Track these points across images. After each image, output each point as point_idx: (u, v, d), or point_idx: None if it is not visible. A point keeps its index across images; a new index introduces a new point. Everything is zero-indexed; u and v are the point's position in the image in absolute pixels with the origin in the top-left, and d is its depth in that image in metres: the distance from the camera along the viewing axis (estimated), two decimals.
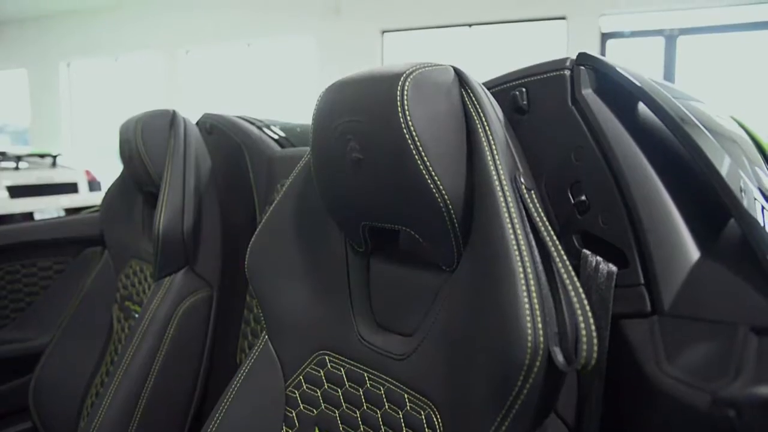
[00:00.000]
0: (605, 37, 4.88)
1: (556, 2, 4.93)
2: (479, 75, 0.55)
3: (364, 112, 0.52)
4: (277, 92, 6.32)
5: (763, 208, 0.50)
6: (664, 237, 0.47)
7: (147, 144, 1.12)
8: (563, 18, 4.95)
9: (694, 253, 0.47)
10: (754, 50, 4.50)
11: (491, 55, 5.33)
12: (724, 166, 0.48)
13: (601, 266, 0.50)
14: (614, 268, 0.49)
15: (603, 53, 4.84)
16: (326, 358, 0.65)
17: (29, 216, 3.61)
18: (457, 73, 0.54)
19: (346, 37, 5.74)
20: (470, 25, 5.34)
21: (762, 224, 0.47)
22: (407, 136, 0.49)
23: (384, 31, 5.67)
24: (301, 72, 6.15)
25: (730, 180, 0.46)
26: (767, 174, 0.62)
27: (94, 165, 4.22)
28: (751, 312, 0.41)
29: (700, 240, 0.47)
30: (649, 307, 0.47)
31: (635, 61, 4.73)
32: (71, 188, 3.92)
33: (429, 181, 0.50)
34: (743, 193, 0.47)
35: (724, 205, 0.46)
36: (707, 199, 0.49)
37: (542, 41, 5.14)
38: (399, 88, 0.49)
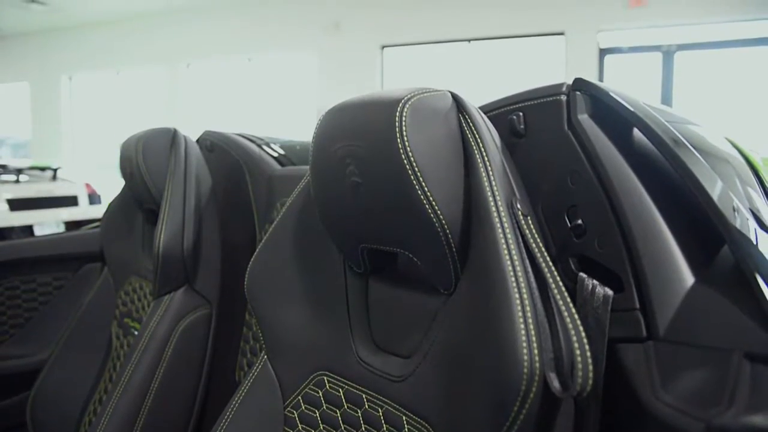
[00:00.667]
0: (603, 52, 4.93)
1: (554, 18, 4.98)
2: (478, 89, 0.56)
3: (363, 137, 0.53)
4: (278, 106, 6.35)
5: (755, 229, 0.51)
6: (658, 262, 0.48)
7: (148, 162, 1.13)
8: (562, 34, 4.99)
9: (688, 279, 0.47)
10: (749, 65, 4.54)
11: (490, 70, 5.36)
12: (716, 191, 0.48)
13: (597, 290, 0.51)
14: (610, 292, 0.50)
15: (601, 69, 4.89)
16: (325, 378, 0.65)
17: (29, 229, 3.61)
18: (455, 98, 0.55)
19: (346, 51, 5.78)
20: (469, 41, 5.39)
21: (755, 243, 0.48)
22: (405, 161, 0.49)
23: (384, 46, 5.71)
24: (302, 86, 6.19)
25: (722, 204, 0.47)
26: (759, 193, 0.63)
27: (94, 178, 4.22)
28: (745, 338, 0.42)
29: (694, 265, 0.48)
30: (644, 332, 0.47)
31: (633, 77, 4.77)
32: (71, 201, 3.92)
33: (427, 206, 0.50)
34: (736, 213, 0.48)
35: (718, 230, 0.47)
36: (702, 224, 0.49)
37: (541, 56, 5.18)
38: (397, 114, 0.50)
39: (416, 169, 0.49)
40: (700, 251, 0.49)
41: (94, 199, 4.07)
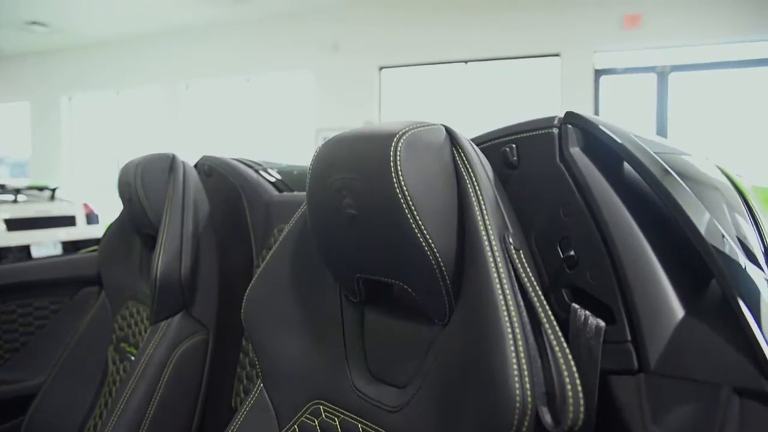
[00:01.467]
0: (598, 73, 4.98)
1: (550, 39, 5.04)
2: (475, 110, 0.57)
3: (358, 170, 0.54)
4: (277, 126, 6.39)
5: (743, 260, 0.52)
6: (649, 294, 0.48)
7: (146, 187, 1.14)
8: (557, 55, 5.05)
9: (678, 311, 0.48)
10: (743, 86, 4.60)
11: (487, 90, 5.41)
12: (703, 222, 0.49)
13: (589, 321, 0.51)
14: (602, 324, 0.50)
15: (597, 89, 4.94)
16: (321, 407, 0.65)
17: (26, 249, 3.60)
18: (449, 132, 0.56)
19: (344, 72, 5.83)
20: (466, 62, 5.44)
21: (741, 274, 0.48)
22: (400, 195, 0.50)
23: (382, 67, 5.77)
24: (300, 106, 6.23)
25: (710, 236, 0.47)
26: (746, 219, 0.64)
27: (93, 198, 4.23)
28: (734, 372, 0.42)
29: (684, 297, 0.48)
30: (636, 364, 0.48)
31: (629, 97, 4.83)
32: (69, 221, 3.92)
33: (421, 239, 0.51)
34: (724, 243, 0.49)
35: (706, 262, 0.47)
36: (691, 256, 0.50)
37: (537, 77, 5.23)
38: (392, 148, 0.51)
39: (410, 202, 0.50)
40: (689, 283, 0.50)
41: (92, 219, 4.08)
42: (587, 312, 0.52)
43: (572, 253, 0.55)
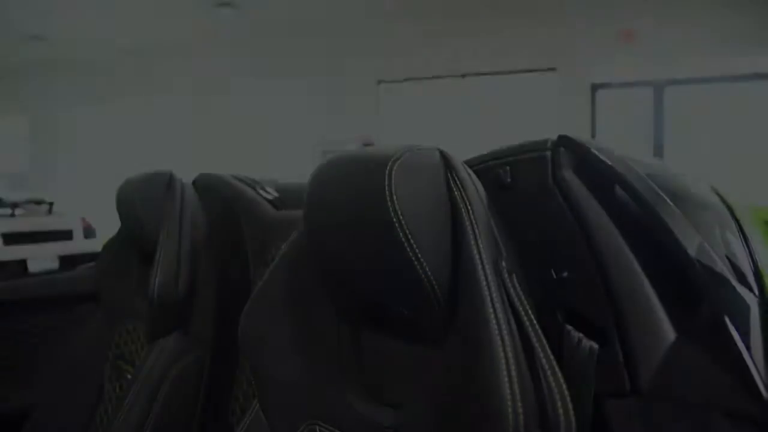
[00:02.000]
0: (595, 87, 5.02)
1: (547, 54, 5.08)
2: (472, 122, 0.57)
3: (353, 193, 0.55)
4: (276, 139, 6.41)
5: (733, 283, 0.52)
6: (641, 317, 0.49)
7: (144, 204, 1.14)
8: (554, 69, 5.09)
9: (670, 334, 0.48)
10: (738, 100, 4.64)
11: (484, 104, 5.45)
12: (693, 245, 0.50)
13: (583, 342, 0.51)
14: (595, 345, 0.51)
15: (593, 103, 4.98)
16: (317, 428, 0.65)
17: (23, 263, 3.60)
18: (443, 155, 0.57)
19: (343, 86, 5.86)
20: (463, 76, 5.48)
21: (732, 296, 0.49)
22: (394, 219, 0.51)
23: (380, 81, 5.80)
24: (298, 120, 6.25)
25: (700, 259, 0.48)
26: (736, 236, 0.64)
27: (90, 212, 4.23)
28: (724, 395, 0.43)
29: (675, 320, 0.49)
30: (628, 386, 0.48)
31: (625, 111, 4.86)
32: (66, 235, 3.91)
33: (415, 262, 0.51)
34: (714, 261, 0.49)
35: (697, 285, 0.48)
36: (682, 278, 0.51)
37: (534, 91, 5.27)
38: (387, 171, 0.52)
39: (404, 226, 0.51)
40: (680, 306, 0.50)
41: (89, 233, 4.07)
42: (580, 334, 0.52)
43: (565, 274, 0.55)
